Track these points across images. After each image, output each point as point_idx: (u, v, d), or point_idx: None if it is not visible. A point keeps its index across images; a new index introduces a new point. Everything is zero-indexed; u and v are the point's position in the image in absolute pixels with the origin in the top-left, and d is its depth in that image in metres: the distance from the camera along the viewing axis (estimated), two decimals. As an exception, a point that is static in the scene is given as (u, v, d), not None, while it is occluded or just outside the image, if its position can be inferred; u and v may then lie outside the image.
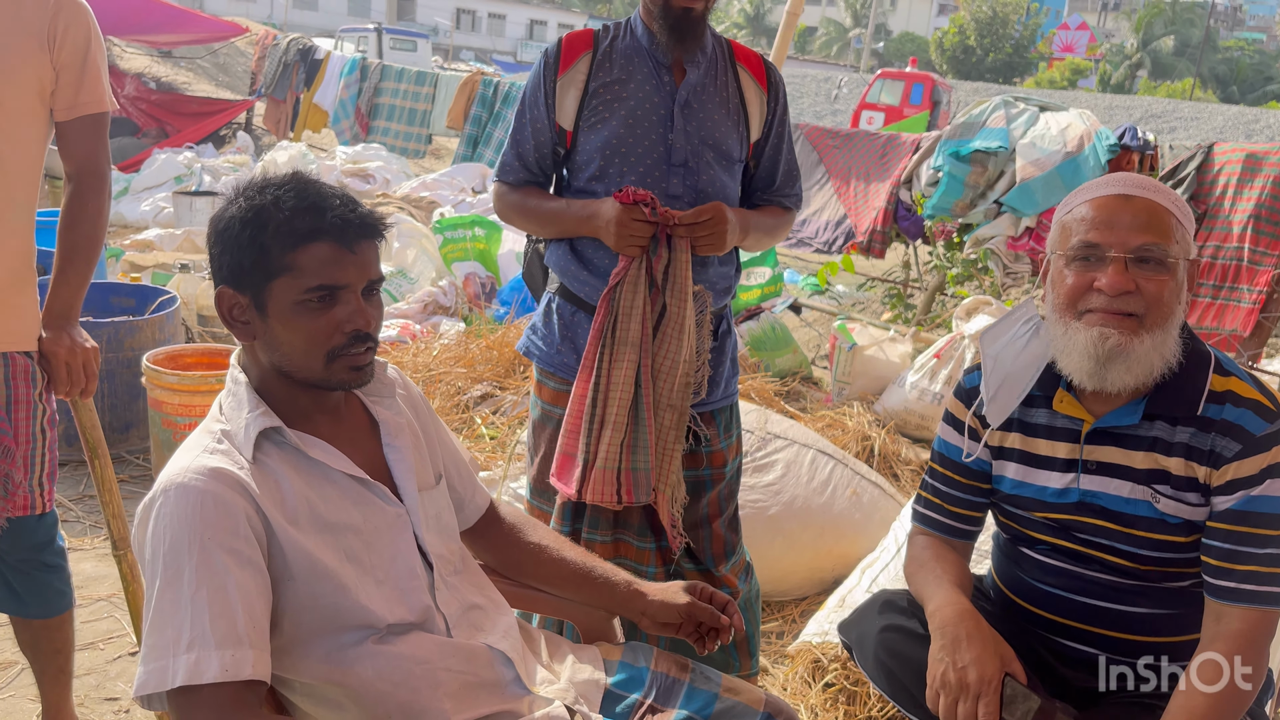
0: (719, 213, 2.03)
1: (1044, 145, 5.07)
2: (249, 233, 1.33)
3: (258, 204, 1.34)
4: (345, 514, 1.39)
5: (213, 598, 1.21)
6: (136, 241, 6.72)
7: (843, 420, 4.34)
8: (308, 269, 1.32)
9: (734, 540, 2.33)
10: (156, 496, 1.27)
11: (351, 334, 1.36)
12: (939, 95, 22.17)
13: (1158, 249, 1.56)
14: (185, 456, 1.32)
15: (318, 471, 1.38)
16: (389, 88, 9.67)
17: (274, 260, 1.32)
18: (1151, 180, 1.65)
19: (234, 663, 1.20)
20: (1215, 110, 27.51)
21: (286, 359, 1.36)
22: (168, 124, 11.02)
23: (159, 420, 3.68)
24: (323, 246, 1.33)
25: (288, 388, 1.40)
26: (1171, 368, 1.60)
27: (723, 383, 2.25)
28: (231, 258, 1.34)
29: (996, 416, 1.77)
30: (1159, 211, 1.59)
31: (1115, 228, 1.58)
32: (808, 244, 6.15)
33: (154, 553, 1.25)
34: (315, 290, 1.33)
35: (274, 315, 1.34)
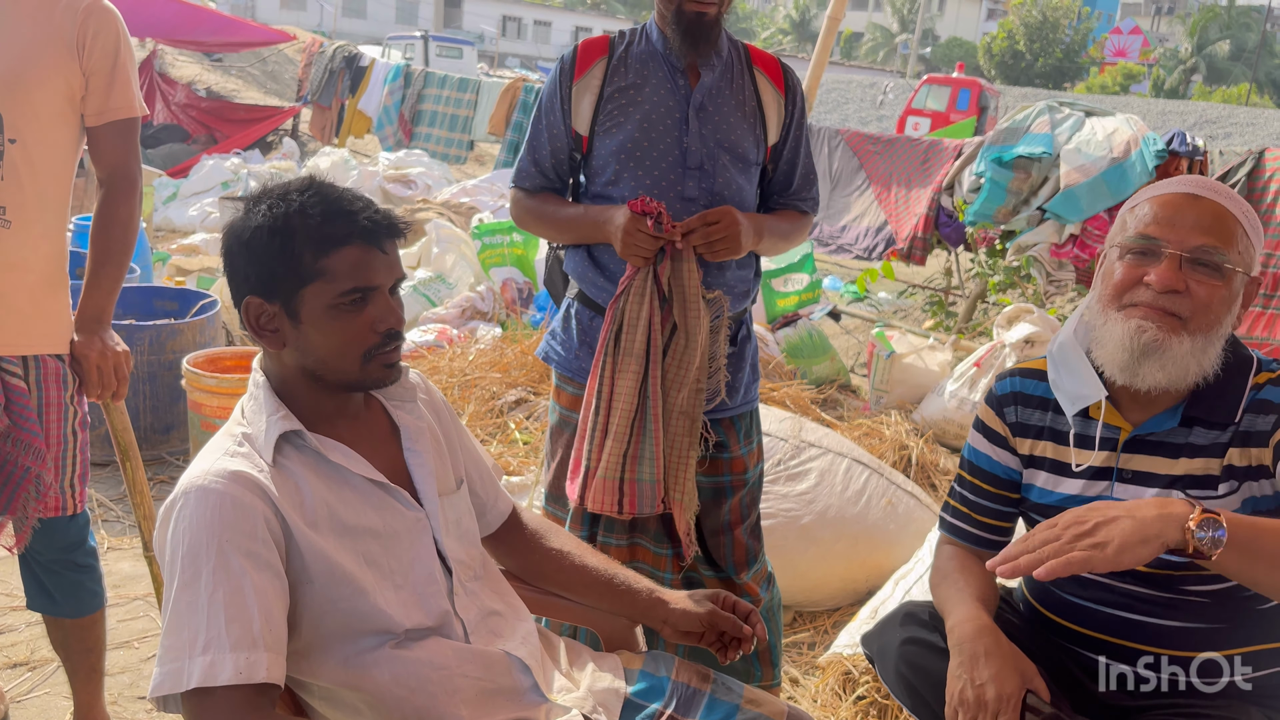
0: (729, 216, 2.01)
1: (1089, 151, 4.97)
2: (279, 241, 1.33)
3: (283, 212, 1.34)
4: (364, 518, 1.38)
5: (229, 600, 1.22)
6: (183, 246, 6.83)
7: (880, 429, 4.28)
8: (341, 273, 1.33)
9: (756, 548, 2.31)
10: (177, 499, 1.28)
11: (385, 332, 1.37)
12: (986, 100, 21.91)
13: (1215, 252, 1.51)
14: (206, 459, 1.33)
15: (337, 475, 1.39)
16: (432, 94, 9.76)
17: (306, 267, 1.33)
18: (1226, 188, 1.59)
19: (248, 665, 1.20)
20: (1272, 115, 26.89)
21: (321, 362, 1.37)
22: (217, 130, 11.22)
23: (198, 422, 3.72)
24: (354, 250, 1.34)
25: (311, 391, 1.41)
26: (1208, 378, 1.56)
27: (742, 389, 2.23)
28: (261, 267, 1.34)
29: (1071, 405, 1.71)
30: (1225, 217, 1.54)
31: (1176, 225, 1.53)
32: (848, 250, 6.10)
33: (173, 555, 1.26)
34: (350, 294, 1.34)
35: (307, 320, 1.35)
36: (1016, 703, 1.50)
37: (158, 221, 8.21)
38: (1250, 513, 1.56)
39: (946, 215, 5.53)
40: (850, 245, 6.05)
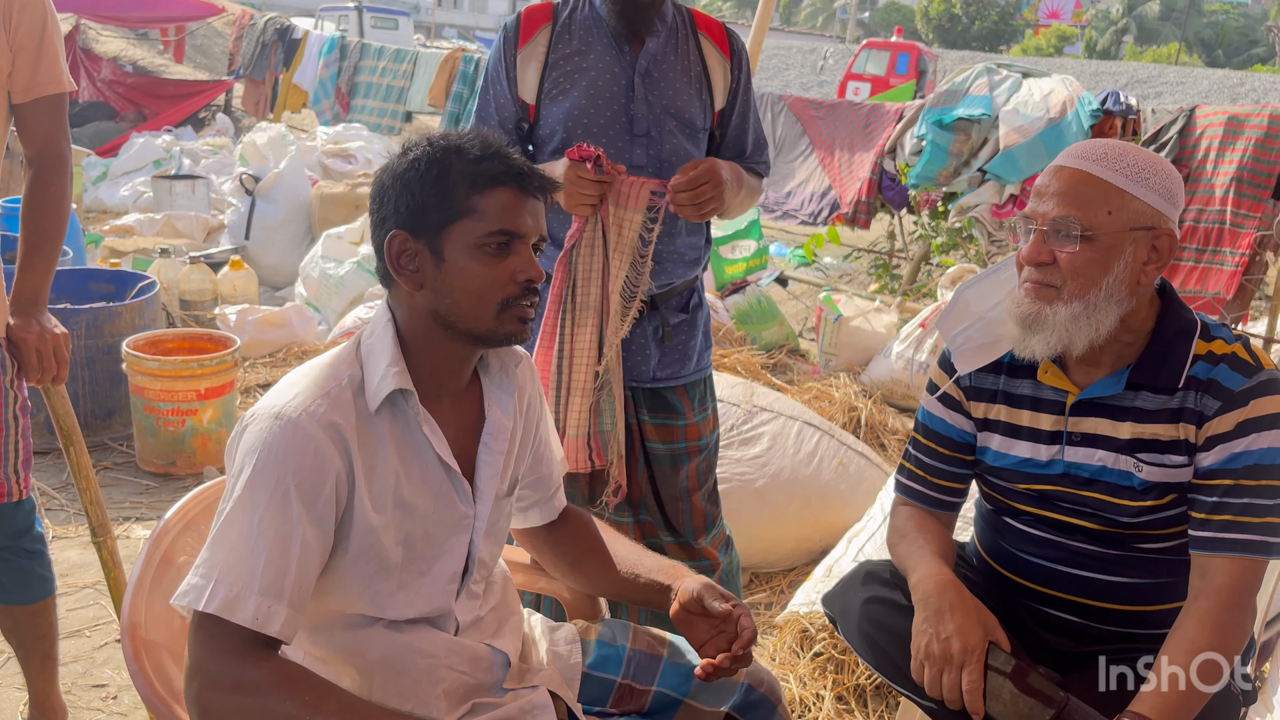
0: (713, 170, 1.98)
1: (1027, 112, 5.04)
2: (435, 173, 1.31)
3: (442, 146, 1.33)
4: (422, 498, 1.37)
5: (274, 543, 1.21)
6: (116, 227, 6.66)
7: (829, 392, 4.34)
8: (490, 213, 1.31)
9: (714, 513, 2.33)
10: (264, 416, 1.26)
11: (525, 284, 1.34)
12: (925, 64, 22.08)
13: (1069, 220, 1.55)
14: (308, 390, 1.28)
15: (417, 448, 1.36)
16: (368, 66, 9.56)
17: (458, 202, 1.31)
18: (1097, 150, 1.60)
19: (266, 614, 1.20)
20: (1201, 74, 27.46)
21: (456, 306, 1.33)
22: (145, 107, 10.90)
23: (141, 406, 3.66)
24: (506, 192, 1.32)
25: (437, 343, 1.37)
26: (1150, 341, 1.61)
27: (695, 356, 2.24)
28: (412, 198, 1.32)
29: (965, 363, 1.78)
30: (1086, 182, 1.56)
31: (1042, 199, 1.59)
32: (793, 216, 6.13)
33: (241, 468, 1.25)
34: (496, 235, 1.32)
35: (450, 259, 1.32)
36: (980, 654, 1.54)
37: (88, 202, 7.98)
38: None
39: (889, 179, 5.58)
40: (795, 211, 6.08)
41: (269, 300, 5.81)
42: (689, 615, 1.51)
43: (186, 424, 3.65)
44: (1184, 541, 1.63)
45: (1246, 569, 1.54)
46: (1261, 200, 4.41)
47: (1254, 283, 4.48)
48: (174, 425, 3.64)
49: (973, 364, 1.78)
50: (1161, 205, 1.58)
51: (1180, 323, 1.64)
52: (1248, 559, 1.54)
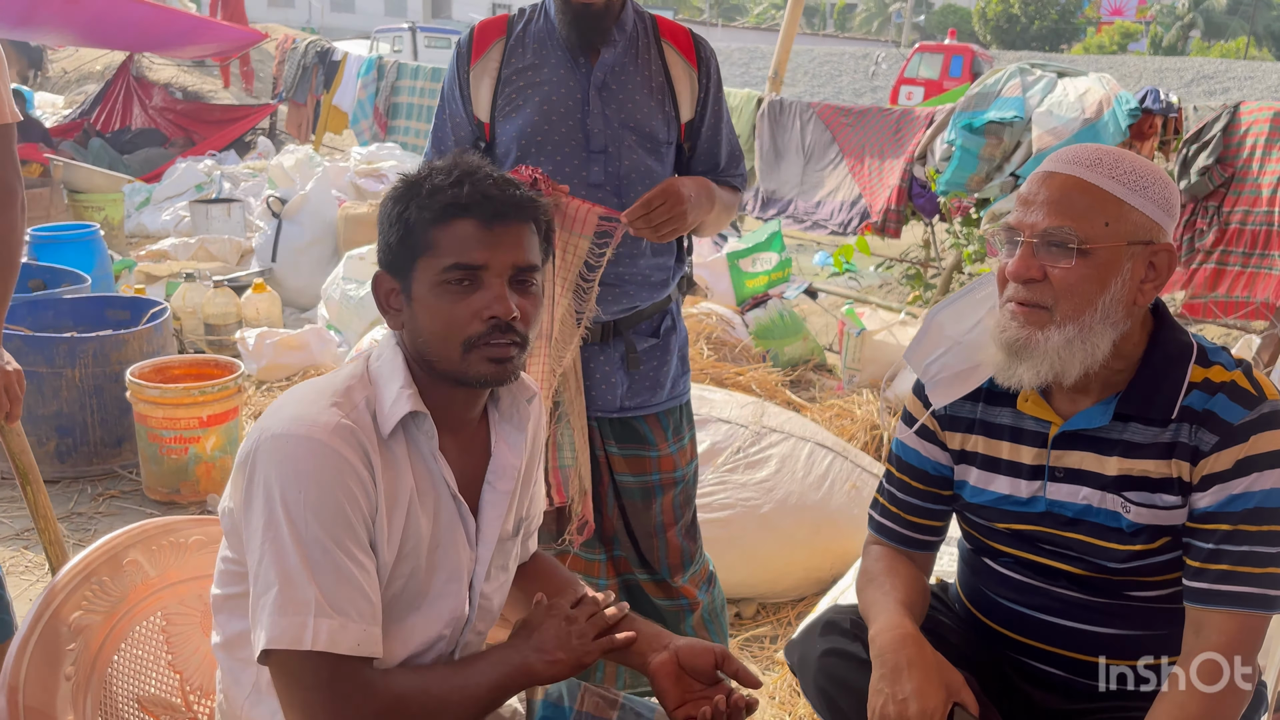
0: (671, 193, 1.87)
1: (1061, 113, 4.83)
2: (397, 209, 1.28)
3: (409, 182, 1.30)
4: (430, 531, 1.30)
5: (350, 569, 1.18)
6: (151, 252, 6.73)
7: (851, 409, 4.17)
8: (446, 247, 1.25)
9: (692, 549, 2.21)
10: (288, 435, 1.19)
11: (490, 322, 1.25)
12: (979, 67, 21.68)
13: (1063, 231, 1.39)
14: (331, 410, 1.22)
15: (430, 475, 1.30)
16: (406, 85, 9.61)
17: (417, 237, 1.26)
18: (1094, 155, 1.44)
19: (367, 638, 1.18)
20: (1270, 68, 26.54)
21: (426, 346, 1.28)
22: (194, 133, 11.07)
23: (145, 434, 3.64)
24: (465, 224, 1.25)
25: (430, 381, 1.31)
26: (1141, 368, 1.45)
27: (668, 383, 2.12)
28: (384, 237, 1.30)
29: (941, 395, 1.62)
30: (1080, 190, 1.40)
31: (1030, 208, 1.43)
32: (823, 226, 5.96)
33: (277, 498, 1.17)
34: (452, 270, 1.25)
35: (417, 297, 1.27)
36: (940, 716, 1.39)
37: (131, 228, 8.10)
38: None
39: (920, 186, 5.39)
40: (825, 221, 5.91)
41: (295, 323, 5.81)
42: (679, 671, 1.39)
43: (190, 451, 3.62)
44: (1179, 590, 1.47)
45: (1245, 625, 1.37)
46: (1312, 200, 4.15)
47: (1306, 288, 4.20)
48: (177, 453, 3.61)
49: (949, 395, 1.63)
50: (1160, 217, 1.43)
51: (1175, 346, 1.47)
52: (1247, 614, 1.37)
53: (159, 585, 1.53)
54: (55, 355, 3.73)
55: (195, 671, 1.55)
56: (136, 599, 1.50)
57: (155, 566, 1.53)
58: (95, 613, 1.42)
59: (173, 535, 1.58)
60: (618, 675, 2.16)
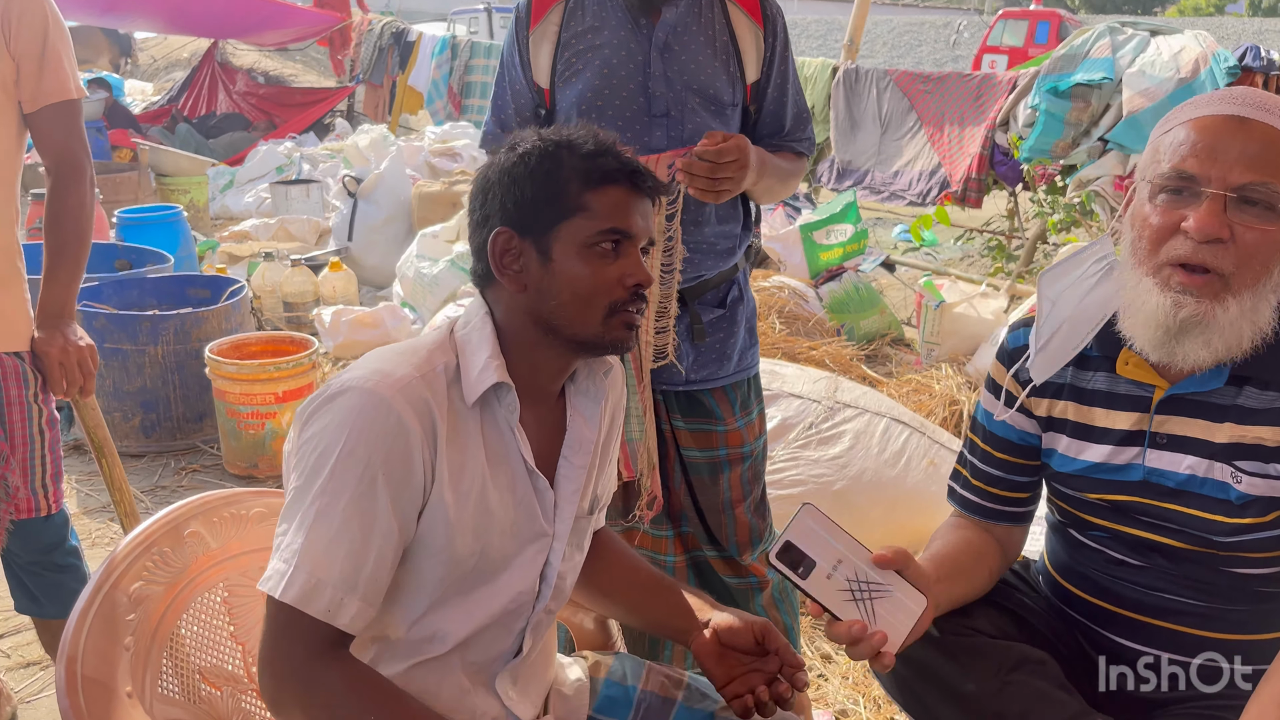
0: (743, 149, 1.78)
1: (1154, 73, 4.60)
2: (546, 168, 1.25)
3: (554, 141, 1.27)
4: (504, 506, 1.28)
5: (358, 534, 1.15)
6: (234, 233, 6.88)
7: (930, 384, 4.05)
8: (602, 211, 1.24)
9: (761, 526, 2.14)
10: (356, 387, 1.17)
11: (633, 288, 1.26)
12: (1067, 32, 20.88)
13: (1267, 189, 1.25)
14: (403, 368, 1.21)
15: (506, 449, 1.28)
16: (480, 65, 9.65)
17: (570, 198, 1.24)
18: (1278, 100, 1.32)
19: (337, 606, 1.15)
20: (1382, 25, 25.10)
21: (561, 309, 1.25)
22: (275, 116, 11.30)
23: (223, 410, 3.71)
24: (619, 190, 1.25)
25: (535, 347, 1.29)
26: (1267, 337, 1.32)
27: (735, 355, 2.06)
28: (521, 194, 1.25)
29: (1043, 370, 1.51)
30: (1278, 142, 1.27)
31: (1218, 157, 1.27)
32: (901, 197, 5.81)
33: (325, 444, 1.16)
34: (608, 234, 1.24)
35: (559, 259, 1.25)
36: None
37: (215, 210, 8.31)
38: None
39: (1002, 153, 5.20)
40: (903, 191, 5.75)
41: (371, 300, 5.88)
42: (721, 648, 1.39)
43: (266, 426, 3.68)
44: None
45: None
46: None
47: None
48: (254, 428, 3.67)
49: (1052, 367, 1.51)
50: None
51: None
52: None
53: (221, 557, 1.53)
54: (139, 333, 3.82)
55: (258, 643, 1.55)
56: (198, 570, 1.50)
57: (217, 538, 1.53)
58: (156, 584, 1.42)
59: (234, 507, 1.57)
60: (685, 656, 2.12)
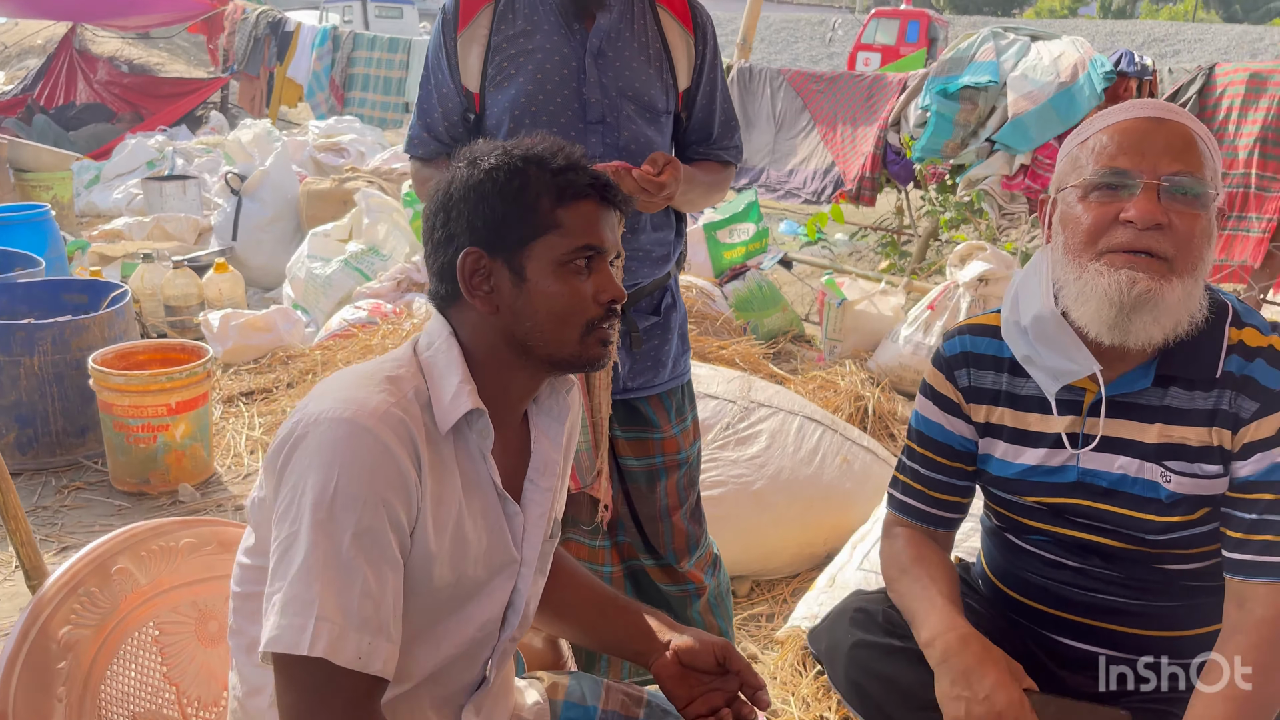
0: (678, 168, 1.78)
1: (1036, 77, 4.79)
2: (516, 184, 1.20)
3: (521, 157, 1.23)
4: (477, 533, 1.22)
5: (368, 571, 1.09)
6: (104, 232, 6.51)
7: (835, 380, 4.12)
8: (575, 227, 1.21)
9: (698, 533, 2.14)
10: (327, 419, 1.10)
11: (608, 304, 1.24)
12: (935, 32, 21.72)
13: (1192, 179, 1.34)
14: (378, 398, 1.13)
15: (478, 476, 1.22)
16: (362, 57, 9.39)
17: (542, 215, 1.20)
18: (1178, 107, 1.43)
19: (369, 651, 1.08)
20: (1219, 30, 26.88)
21: (537, 329, 1.21)
22: (142, 107, 10.76)
23: (110, 423, 3.50)
24: (589, 205, 1.22)
25: (506, 368, 1.24)
26: (1194, 329, 1.38)
27: (669, 362, 2.05)
28: (490, 212, 1.20)
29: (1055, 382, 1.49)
30: (1192, 139, 1.37)
31: (1145, 152, 1.36)
32: (796, 195, 5.90)
33: (310, 482, 1.09)
34: (583, 250, 1.21)
35: (534, 278, 1.20)
36: (1027, 704, 1.36)
37: (81, 206, 7.84)
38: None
39: (894, 152, 5.34)
40: (798, 190, 5.85)
41: (258, 303, 5.65)
42: (682, 669, 1.36)
43: (158, 440, 3.49)
44: (1216, 563, 1.43)
45: None
46: (1289, 162, 4.15)
47: (1282, 249, 4.22)
48: (145, 442, 3.48)
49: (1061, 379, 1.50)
50: (1220, 176, 1.41)
51: (1212, 305, 1.42)
52: None
53: (151, 593, 1.44)
54: (12, 343, 3.57)
55: (192, 682, 1.47)
56: (128, 609, 1.40)
57: (146, 573, 1.43)
58: (85, 626, 1.33)
59: (162, 539, 1.48)
60: (623, 666, 2.10)
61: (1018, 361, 1.52)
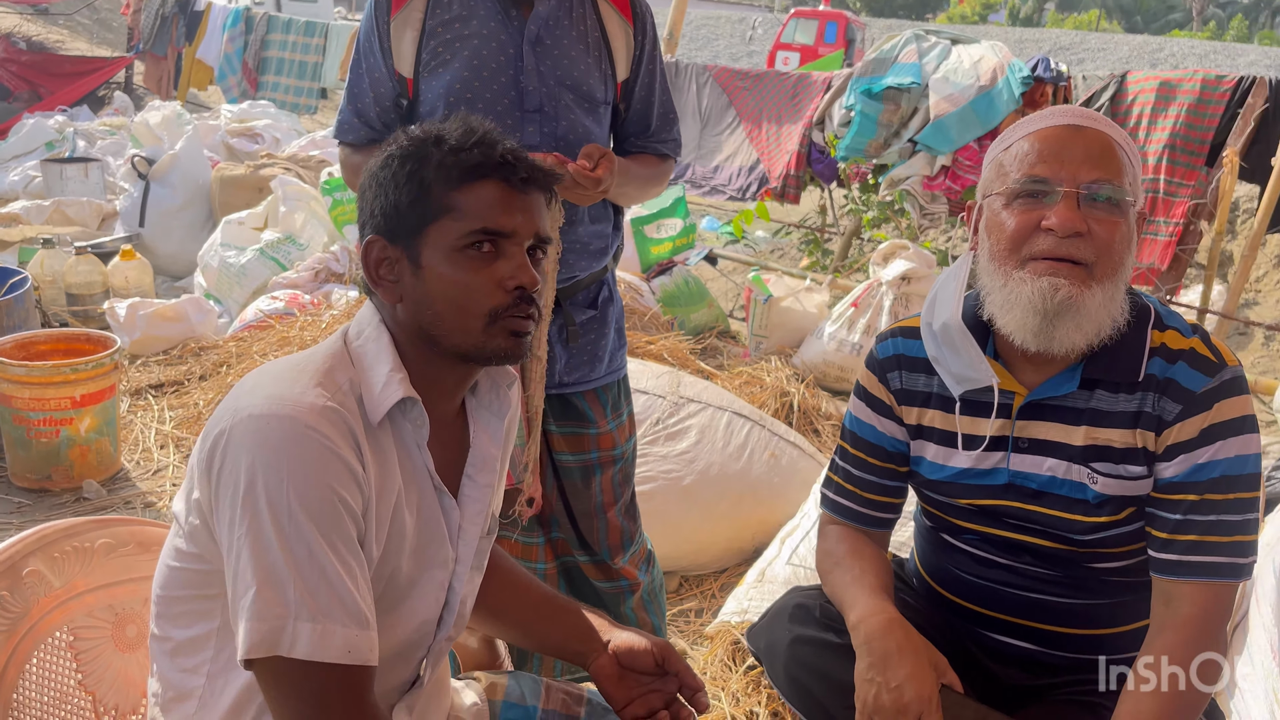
0: (612, 160, 1.76)
1: (957, 80, 4.89)
2: (409, 168, 1.16)
3: (420, 138, 1.18)
4: (412, 527, 1.17)
5: (340, 568, 1.05)
6: (0, 215, 6.20)
7: (760, 376, 4.15)
8: (471, 210, 1.14)
9: (632, 529, 2.12)
10: (260, 415, 1.05)
11: (515, 291, 1.16)
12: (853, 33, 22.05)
13: (1111, 186, 1.36)
14: (309, 387, 1.09)
15: (414, 467, 1.17)
16: (277, 40, 9.12)
17: (435, 199, 1.15)
18: (1100, 115, 1.46)
19: (358, 644, 1.05)
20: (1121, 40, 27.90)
21: (439, 319, 1.15)
22: (40, 86, 10.28)
23: (9, 416, 3.32)
24: (489, 186, 1.15)
25: (424, 362, 1.18)
26: (1117, 331, 1.41)
27: (606, 357, 2.02)
28: (386, 199, 1.17)
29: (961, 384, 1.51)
30: (1111, 146, 1.39)
31: (1065, 160, 1.37)
32: (721, 191, 5.92)
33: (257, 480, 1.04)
34: (478, 234, 1.14)
35: (428, 265, 1.15)
36: (936, 702, 1.35)
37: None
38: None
39: (818, 151, 5.39)
40: (724, 186, 5.87)
41: (168, 292, 5.44)
42: (620, 670, 1.35)
43: (61, 434, 3.33)
44: (1142, 560, 1.46)
45: (1216, 595, 1.37)
46: (1195, 168, 4.32)
47: (1188, 253, 4.38)
48: (47, 436, 3.32)
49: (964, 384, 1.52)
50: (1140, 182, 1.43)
51: (1134, 308, 1.45)
52: (1217, 584, 1.37)
53: (64, 596, 1.36)
54: (-99, 331, 3.37)
55: (109, 690, 1.39)
56: (40, 613, 1.32)
57: (59, 576, 1.35)
58: (-22, 640, 1.25)
59: (75, 539, 1.40)
60: (555, 665, 2.07)
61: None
